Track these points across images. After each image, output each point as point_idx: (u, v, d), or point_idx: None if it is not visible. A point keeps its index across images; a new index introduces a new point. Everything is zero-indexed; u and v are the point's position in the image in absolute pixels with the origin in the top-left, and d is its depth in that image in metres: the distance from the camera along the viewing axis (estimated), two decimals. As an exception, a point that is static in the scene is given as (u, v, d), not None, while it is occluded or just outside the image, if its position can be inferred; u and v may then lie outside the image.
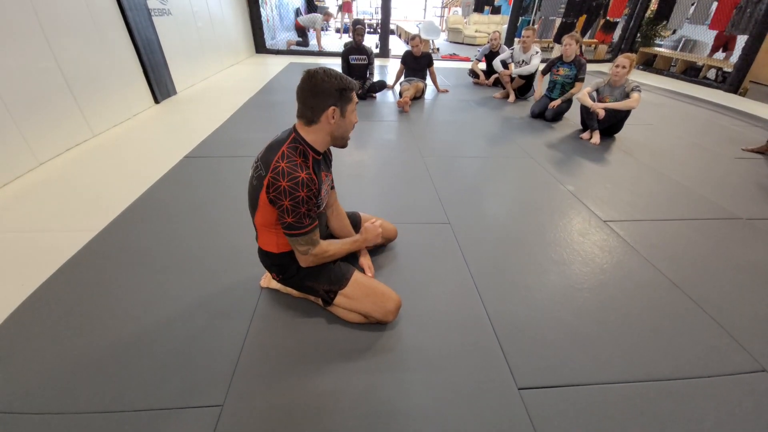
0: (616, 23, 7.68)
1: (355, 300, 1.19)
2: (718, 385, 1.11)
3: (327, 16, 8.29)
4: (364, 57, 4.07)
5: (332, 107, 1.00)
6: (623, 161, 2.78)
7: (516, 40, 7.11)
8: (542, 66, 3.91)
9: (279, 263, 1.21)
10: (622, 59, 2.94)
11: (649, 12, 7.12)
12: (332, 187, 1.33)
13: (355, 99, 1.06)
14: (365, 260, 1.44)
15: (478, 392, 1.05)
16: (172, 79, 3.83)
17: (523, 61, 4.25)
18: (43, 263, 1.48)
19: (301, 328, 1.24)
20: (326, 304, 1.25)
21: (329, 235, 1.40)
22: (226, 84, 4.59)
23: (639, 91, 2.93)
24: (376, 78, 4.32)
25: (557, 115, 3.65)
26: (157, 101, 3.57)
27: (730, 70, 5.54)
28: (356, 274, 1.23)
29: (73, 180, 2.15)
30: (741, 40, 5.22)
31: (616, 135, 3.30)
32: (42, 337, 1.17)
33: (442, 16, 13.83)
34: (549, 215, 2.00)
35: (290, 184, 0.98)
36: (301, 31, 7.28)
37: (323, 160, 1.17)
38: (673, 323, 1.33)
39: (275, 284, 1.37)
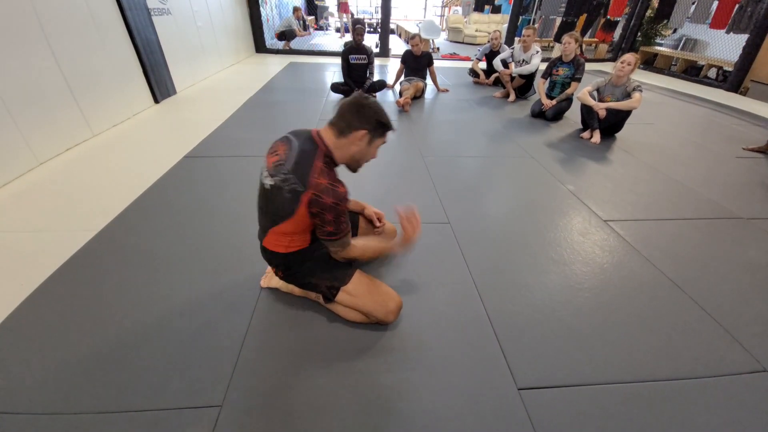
0: (617, 22, 7.66)
1: (357, 297, 1.19)
2: (719, 385, 1.11)
3: (296, 11, 8.34)
4: (363, 57, 4.06)
5: (365, 131, 1.05)
6: (624, 160, 2.77)
7: (516, 39, 7.09)
8: (542, 67, 3.90)
9: (284, 261, 1.21)
10: (628, 56, 2.91)
11: (649, 11, 7.10)
12: None
13: (386, 139, 1.14)
14: (371, 210, 1.48)
15: (477, 392, 1.05)
16: (172, 78, 3.83)
17: (523, 60, 4.24)
18: (42, 263, 1.48)
19: (301, 328, 1.24)
20: (327, 300, 1.25)
21: None
22: (226, 84, 4.59)
23: (640, 90, 2.93)
24: (376, 77, 4.31)
25: (557, 114, 3.65)
26: (156, 101, 3.56)
27: (730, 69, 5.53)
28: (359, 272, 1.23)
29: (72, 180, 2.15)
30: (741, 39, 5.19)
31: (617, 134, 3.29)
32: (41, 338, 1.17)
33: (442, 16, 13.81)
34: (549, 215, 2.00)
35: (335, 200, 1.01)
36: (282, 35, 7.29)
37: None
38: (674, 323, 1.33)
39: (275, 283, 1.37)
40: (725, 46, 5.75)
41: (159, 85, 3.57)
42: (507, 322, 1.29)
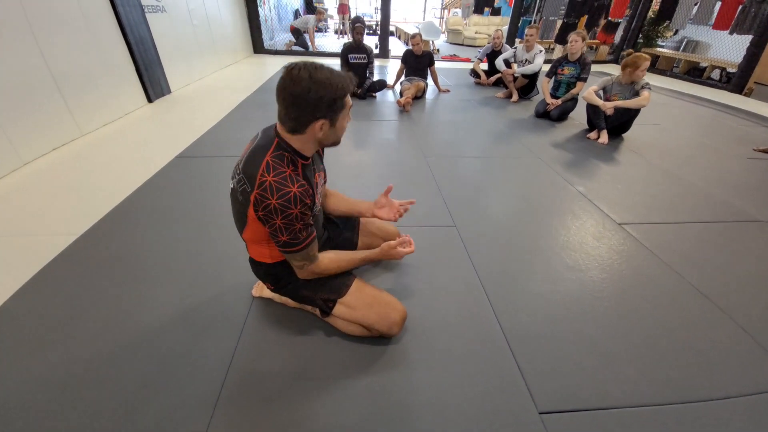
0: (618, 24, 7.61)
1: (357, 310, 1.07)
2: (758, 405, 1.00)
3: (320, 14, 8.22)
4: (363, 56, 3.97)
5: (321, 120, 0.85)
6: (633, 161, 2.67)
7: (517, 40, 7.03)
8: (546, 68, 3.82)
9: (273, 273, 1.10)
10: (638, 59, 2.74)
11: (651, 12, 7.05)
12: (324, 182, 1.19)
13: (350, 103, 0.90)
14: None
15: (494, 418, 0.94)
16: (167, 78, 3.72)
17: (526, 60, 4.16)
18: (17, 269, 1.36)
19: (295, 343, 1.13)
20: (324, 314, 1.13)
21: (324, 228, 1.25)
22: (223, 83, 4.48)
23: (649, 89, 2.83)
24: (376, 77, 4.22)
25: (563, 114, 3.55)
26: (150, 100, 3.46)
27: (734, 70, 5.46)
28: (357, 282, 1.12)
29: (57, 180, 2.04)
30: (745, 40, 5.12)
31: (624, 135, 3.20)
32: (9, 352, 1.05)
33: (441, 18, 13.78)
34: (560, 218, 1.90)
35: (281, 201, 0.84)
36: (296, 32, 7.21)
37: (313, 161, 1.03)
38: (704, 336, 1.22)
39: (268, 293, 1.25)
40: (728, 47, 5.68)
41: (153, 84, 3.47)
42: (523, 336, 1.18)
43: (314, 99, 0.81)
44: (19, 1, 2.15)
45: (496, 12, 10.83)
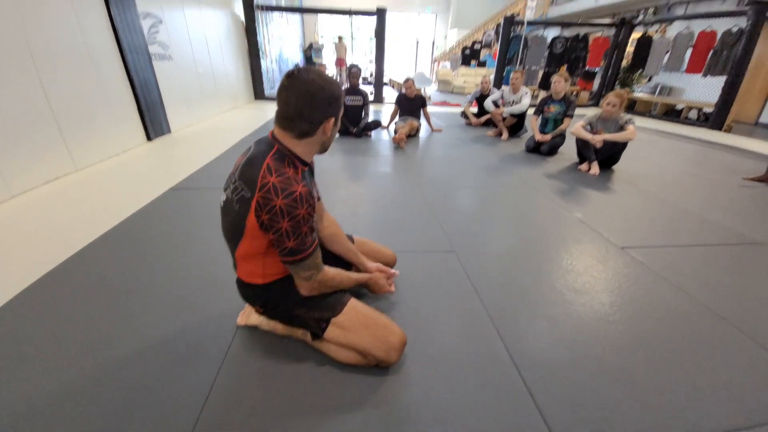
0: (595, 72, 8.19)
1: (351, 332, 0.97)
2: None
3: (321, 67, 8.77)
4: (359, 98, 4.16)
5: (332, 117, 0.87)
6: (627, 190, 2.69)
7: (504, 86, 7.49)
8: (533, 109, 4.01)
9: (264, 295, 1.02)
10: (612, 98, 2.96)
11: (625, 62, 7.63)
12: (318, 198, 1.16)
13: (343, 105, 0.93)
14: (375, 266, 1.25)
15: (510, 456, 0.81)
16: (168, 118, 3.83)
17: (513, 101, 4.38)
18: (-19, 300, 1.25)
19: (283, 374, 1.01)
20: (315, 337, 1.03)
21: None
22: (223, 125, 4.62)
23: (633, 123, 2.95)
24: (371, 118, 4.39)
25: (553, 149, 3.65)
26: (149, 138, 3.52)
27: (710, 109, 5.77)
28: (353, 301, 1.03)
29: (42, 213, 1.97)
30: (719, 81, 5.47)
31: (614, 167, 3.27)
32: (-49, 392, 0.92)
33: (432, 70, 14.79)
34: (561, 242, 1.85)
35: (287, 201, 0.81)
36: None
37: (309, 170, 1.01)
38: (728, 359, 1.12)
39: (255, 320, 1.15)
40: (702, 89, 6.05)
41: (153, 124, 3.56)
42: (533, 362, 1.07)
43: (328, 96, 0.83)
44: (23, 35, 2.23)
45: (482, 64, 11.68)
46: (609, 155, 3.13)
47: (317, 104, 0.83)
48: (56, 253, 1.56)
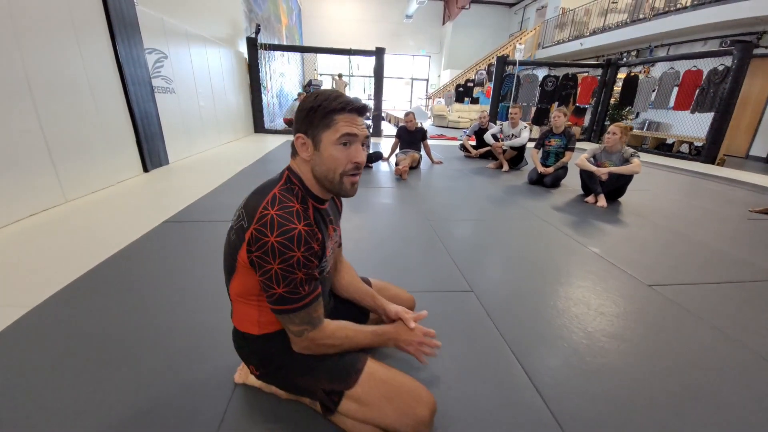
0: (586, 108, 8.51)
1: (371, 407, 0.78)
2: None
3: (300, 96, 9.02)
4: (360, 130, 4.17)
5: (300, 135, 0.76)
6: (639, 223, 2.63)
7: (498, 122, 7.69)
8: (532, 143, 4.05)
9: (260, 350, 0.86)
10: (613, 127, 3.02)
11: (613, 99, 7.95)
12: (339, 245, 1.02)
13: (341, 126, 0.73)
14: (396, 308, 0.96)
15: None
16: (167, 150, 3.77)
17: (512, 135, 4.44)
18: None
19: (289, 448, 0.84)
20: (327, 411, 0.84)
21: (333, 308, 1.03)
22: (222, 156, 4.58)
23: (638, 156, 2.95)
24: (371, 150, 4.38)
25: (556, 181, 3.63)
26: (146, 170, 3.43)
27: (701, 143, 5.92)
28: (370, 364, 0.83)
29: (22, 247, 1.82)
30: (707, 117, 5.65)
31: (620, 199, 3.23)
32: None
33: (426, 106, 15.33)
34: (583, 280, 1.73)
35: (281, 239, 0.68)
36: (291, 123, 7.80)
37: (330, 210, 0.89)
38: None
39: (255, 380, 0.98)
40: (690, 125, 6.24)
41: (151, 155, 3.48)
42: (580, 423, 0.92)
43: (300, 108, 0.75)
44: (24, 71, 2.19)
45: (475, 101, 12.14)
46: (614, 188, 3.10)
47: (298, 116, 0.76)
48: (32, 296, 1.39)
